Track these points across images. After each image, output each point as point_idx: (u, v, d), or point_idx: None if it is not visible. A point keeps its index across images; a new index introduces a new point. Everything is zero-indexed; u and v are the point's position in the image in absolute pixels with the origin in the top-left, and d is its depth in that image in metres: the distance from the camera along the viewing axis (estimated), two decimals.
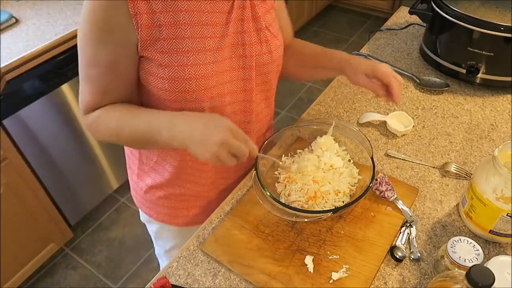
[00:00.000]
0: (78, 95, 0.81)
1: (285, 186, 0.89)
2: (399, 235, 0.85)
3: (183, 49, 0.74)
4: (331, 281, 0.77)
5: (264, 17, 0.84)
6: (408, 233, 0.85)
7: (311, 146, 0.96)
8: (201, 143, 0.70)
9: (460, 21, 1.13)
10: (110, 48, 0.72)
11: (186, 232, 1.02)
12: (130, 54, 0.73)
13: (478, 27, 1.10)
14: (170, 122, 0.74)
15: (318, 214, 0.81)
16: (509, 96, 1.20)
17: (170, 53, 0.73)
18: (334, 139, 0.95)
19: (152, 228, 1.13)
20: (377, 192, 0.91)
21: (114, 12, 0.69)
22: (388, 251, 0.81)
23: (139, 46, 0.72)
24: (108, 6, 0.68)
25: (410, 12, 1.29)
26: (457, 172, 0.97)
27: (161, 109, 0.81)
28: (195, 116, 0.75)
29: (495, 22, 1.08)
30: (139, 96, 0.84)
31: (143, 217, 1.11)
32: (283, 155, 0.96)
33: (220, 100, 0.82)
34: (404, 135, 1.08)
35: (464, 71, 1.19)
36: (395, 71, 1.29)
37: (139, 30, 0.70)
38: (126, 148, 1.01)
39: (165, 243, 1.14)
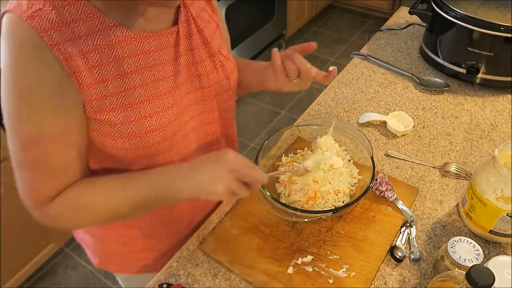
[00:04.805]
0: None
1: (285, 186, 0.89)
2: (399, 235, 0.85)
3: (137, 100, 0.65)
4: (331, 281, 0.77)
5: (213, 39, 0.77)
6: (408, 233, 0.85)
7: (311, 146, 0.96)
8: (211, 183, 0.64)
9: (460, 21, 1.13)
10: (52, 116, 0.61)
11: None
12: (77, 117, 0.63)
13: (478, 27, 1.10)
14: (175, 181, 0.68)
15: (318, 214, 0.81)
16: (509, 96, 1.20)
17: (123, 108, 0.64)
18: (334, 139, 0.95)
19: (125, 276, 1.03)
20: (377, 192, 0.91)
21: (47, 75, 0.58)
22: (388, 251, 0.81)
23: (86, 107, 0.62)
24: (38, 69, 0.57)
25: (410, 12, 1.29)
26: (457, 172, 0.97)
27: (124, 171, 0.72)
28: (197, 168, 0.68)
29: (495, 22, 1.07)
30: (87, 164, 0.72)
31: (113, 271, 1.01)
32: (283, 155, 0.96)
33: (185, 140, 0.76)
34: (404, 135, 1.08)
35: (464, 71, 1.19)
36: (395, 71, 1.31)
37: (82, 90, 0.60)
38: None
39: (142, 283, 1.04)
